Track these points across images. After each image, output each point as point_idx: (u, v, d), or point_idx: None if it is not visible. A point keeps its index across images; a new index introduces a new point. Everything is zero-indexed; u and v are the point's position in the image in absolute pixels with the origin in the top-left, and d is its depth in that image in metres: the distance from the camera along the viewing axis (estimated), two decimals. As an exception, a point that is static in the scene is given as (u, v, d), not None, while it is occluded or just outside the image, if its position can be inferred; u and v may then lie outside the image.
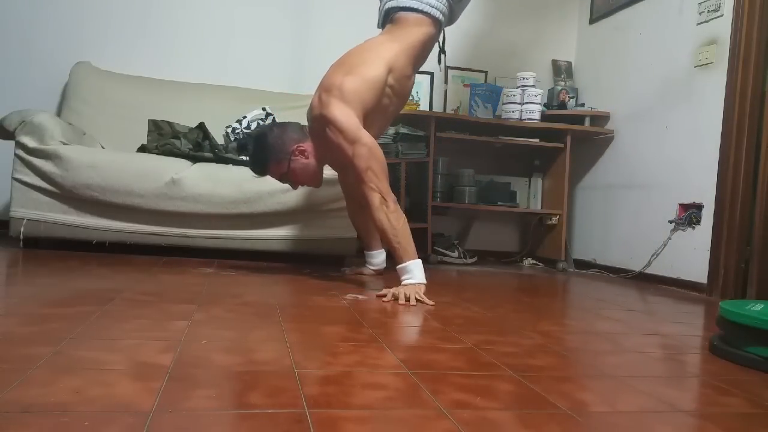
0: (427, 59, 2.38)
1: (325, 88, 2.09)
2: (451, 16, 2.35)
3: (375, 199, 1.97)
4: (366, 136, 2.01)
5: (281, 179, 2.19)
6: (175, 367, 1.01)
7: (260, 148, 2.13)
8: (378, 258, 2.50)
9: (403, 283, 1.94)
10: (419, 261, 1.97)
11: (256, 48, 3.52)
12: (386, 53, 2.16)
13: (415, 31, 2.20)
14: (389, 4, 2.26)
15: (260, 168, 2.17)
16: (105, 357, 1.05)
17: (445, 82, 2.45)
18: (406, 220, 2.01)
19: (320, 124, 2.06)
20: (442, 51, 2.49)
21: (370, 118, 2.13)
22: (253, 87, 3.41)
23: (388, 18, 2.29)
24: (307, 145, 2.14)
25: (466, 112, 3.63)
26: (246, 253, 2.68)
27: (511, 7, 3.92)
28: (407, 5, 2.20)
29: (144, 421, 0.77)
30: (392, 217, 1.96)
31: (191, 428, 0.77)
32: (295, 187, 2.24)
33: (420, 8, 2.19)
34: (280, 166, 2.13)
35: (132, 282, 1.88)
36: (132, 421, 0.77)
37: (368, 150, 1.99)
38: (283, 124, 2.20)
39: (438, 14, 2.21)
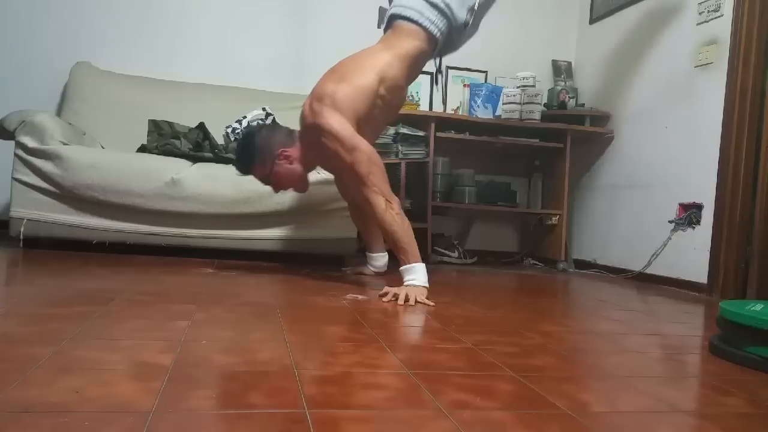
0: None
1: (316, 97, 2.08)
2: (450, 42, 2.32)
3: (380, 202, 1.97)
4: (363, 143, 2.01)
5: (263, 181, 2.18)
6: (175, 367, 1.01)
7: (246, 148, 2.13)
8: (380, 261, 2.49)
9: (405, 283, 1.94)
10: (423, 265, 1.98)
11: (256, 48, 3.52)
12: (378, 62, 2.15)
13: (408, 42, 2.18)
14: (392, 10, 2.25)
15: (244, 167, 2.16)
16: (105, 357, 1.05)
17: (440, 84, 2.49)
18: (409, 223, 2.02)
19: (314, 132, 2.05)
20: (438, 71, 2.48)
21: (362, 128, 2.11)
22: (253, 87, 3.41)
23: (389, 24, 2.28)
24: (293, 151, 2.14)
25: (466, 112, 3.63)
26: (246, 253, 2.67)
27: (511, 7, 3.92)
28: (406, 15, 2.19)
29: (144, 421, 0.77)
30: (398, 218, 1.97)
31: (191, 428, 0.77)
32: (276, 190, 2.22)
33: (417, 20, 2.17)
34: (264, 168, 2.13)
35: (132, 282, 1.88)
36: (132, 421, 0.77)
37: (367, 156, 1.99)
38: (273, 127, 2.20)
39: (435, 30, 2.18)
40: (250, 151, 2.12)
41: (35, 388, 0.86)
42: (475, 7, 2.24)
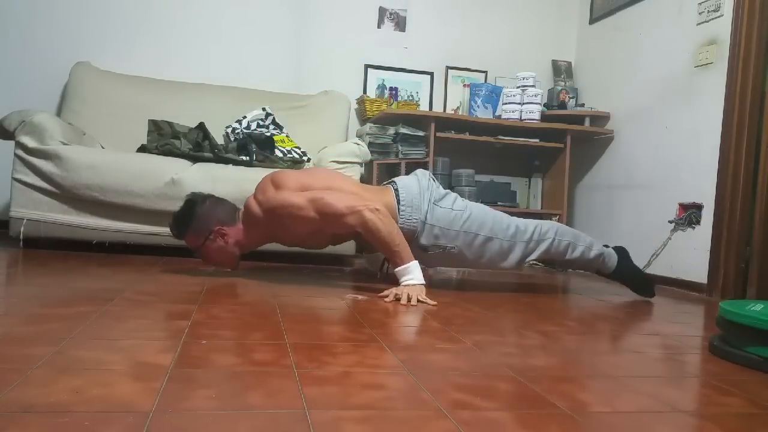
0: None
1: (259, 190, 2.10)
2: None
3: (361, 218, 1.94)
4: (310, 193, 1.99)
5: (195, 251, 2.15)
6: (175, 367, 1.01)
7: (185, 214, 2.10)
8: (379, 260, 2.48)
9: (404, 283, 1.94)
10: (417, 262, 1.98)
11: (257, 48, 3.52)
12: (348, 187, 2.10)
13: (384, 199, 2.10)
14: (396, 178, 2.25)
15: (177, 231, 2.13)
16: (105, 357, 1.05)
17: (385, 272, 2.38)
18: (396, 225, 2.01)
19: (270, 217, 2.03)
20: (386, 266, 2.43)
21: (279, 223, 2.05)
22: (253, 87, 3.41)
23: (386, 185, 2.27)
24: (231, 231, 2.11)
25: (466, 112, 3.64)
26: (246, 254, 2.67)
27: (511, 7, 3.92)
28: (399, 191, 2.14)
29: (144, 421, 0.77)
30: (386, 221, 1.95)
31: (191, 428, 0.77)
32: (205, 263, 2.19)
33: (401, 200, 2.12)
34: (197, 239, 2.10)
35: (132, 282, 1.88)
36: (132, 421, 0.77)
37: (322, 198, 1.97)
38: (218, 201, 2.16)
39: (402, 222, 2.09)
40: (188, 218, 2.09)
41: (35, 388, 0.87)
42: (446, 250, 2.16)
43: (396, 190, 2.16)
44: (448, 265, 2.48)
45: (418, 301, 1.86)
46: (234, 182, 2.58)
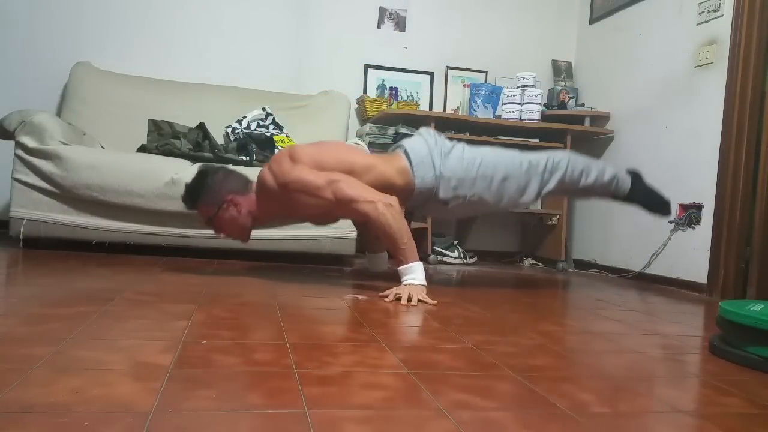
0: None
1: (273, 160, 2.09)
2: (423, 204, 2.22)
3: (372, 208, 1.95)
4: (328, 175, 1.99)
5: (207, 223, 2.15)
6: (175, 367, 1.01)
7: (197, 184, 2.10)
8: (381, 261, 2.49)
9: (404, 283, 1.94)
10: (421, 263, 1.98)
11: (257, 48, 3.52)
12: (361, 159, 2.11)
13: (394, 171, 2.10)
14: (403, 141, 2.23)
15: (190, 202, 2.13)
16: (105, 357, 1.05)
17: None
18: (407, 223, 2.01)
19: (281, 192, 2.02)
20: None
21: (288, 198, 2.03)
22: (253, 87, 3.41)
23: (393, 150, 2.27)
24: (243, 200, 2.11)
25: (466, 112, 3.64)
26: (245, 253, 2.67)
27: (511, 7, 3.92)
28: (409, 153, 2.13)
29: (144, 421, 0.77)
30: (398, 218, 1.96)
31: (191, 428, 0.77)
32: (217, 233, 2.18)
33: (413, 162, 2.10)
34: (209, 209, 2.10)
35: (132, 282, 1.88)
36: (132, 421, 0.77)
37: (340, 183, 1.97)
38: (230, 172, 2.17)
39: (419, 182, 2.10)
40: (200, 189, 2.09)
41: (35, 388, 0.87)
42: (467, 199, 2.16)
43: (405, 152, 2.16)
44: (471, 214, 2.45)
45: (419, 300, 1.87)
46: (234, 182, 2.58)
